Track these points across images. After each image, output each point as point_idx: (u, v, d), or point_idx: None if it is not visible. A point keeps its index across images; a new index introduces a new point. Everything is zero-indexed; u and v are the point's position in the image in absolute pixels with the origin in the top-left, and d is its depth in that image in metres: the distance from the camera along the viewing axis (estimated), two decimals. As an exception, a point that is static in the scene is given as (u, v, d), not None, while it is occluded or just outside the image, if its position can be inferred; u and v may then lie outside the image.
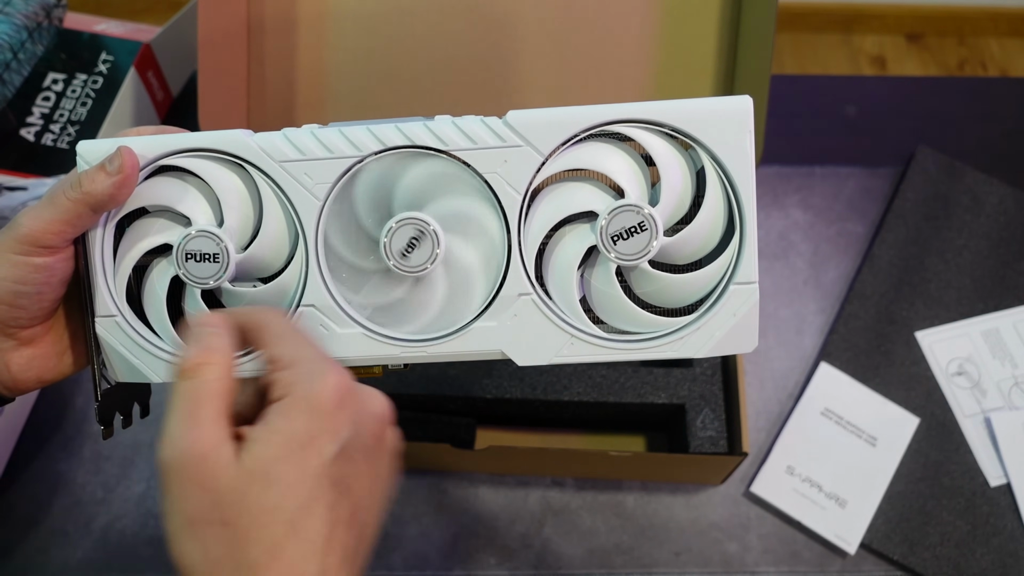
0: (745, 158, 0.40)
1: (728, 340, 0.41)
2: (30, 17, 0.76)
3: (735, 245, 0.40)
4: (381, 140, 0.40)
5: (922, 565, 0.65)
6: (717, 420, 0.65)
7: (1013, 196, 0.81)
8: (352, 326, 0.41)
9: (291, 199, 0.40)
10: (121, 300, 0.42)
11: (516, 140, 0.39)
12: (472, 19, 0.68)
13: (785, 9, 1.77)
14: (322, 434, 0.32)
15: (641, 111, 0.39)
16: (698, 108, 0.39)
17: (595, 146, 0.40)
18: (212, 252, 0.40)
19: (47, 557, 0.65)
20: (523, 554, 0.66)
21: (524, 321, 0.41)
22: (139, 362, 0.42)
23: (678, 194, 0.40)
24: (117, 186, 0.39)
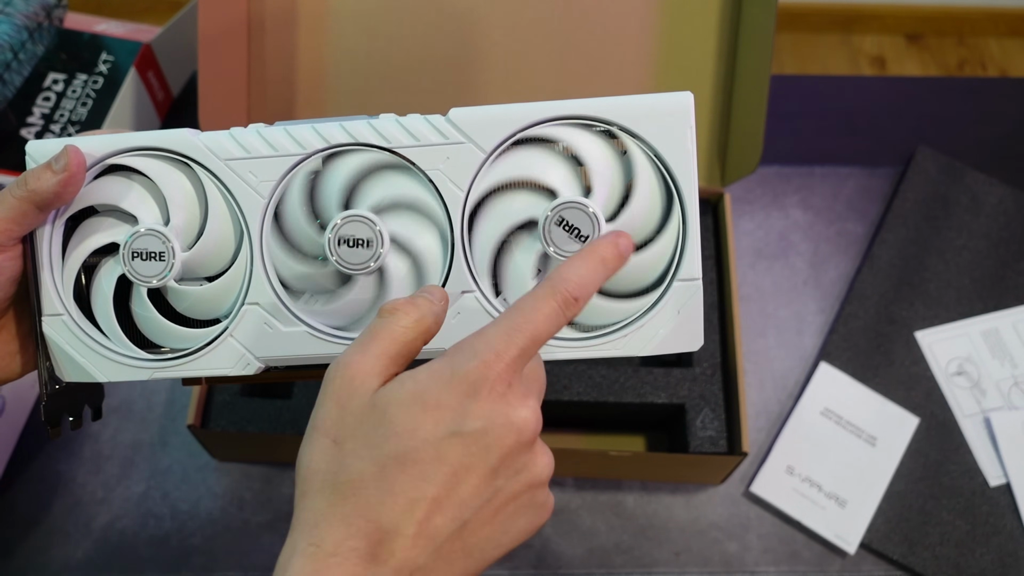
0: (686, 154, 0.40)
1: (672, 338, 0.41)
2: (30, 17, 0.76)
3: (675, 233, 0.40)
4: (325, 138, 0.40)
5: (922, 565, 0.65)
6: (717, 420, 0.65)
7: (1013, 196, 0.81)
8: (297, 324, 0.41)
9: (236, 197, 0.41)
10: (68, 298, 0.42)
11: (459, 137, 0.40)
12: (472, 19, 0.68)
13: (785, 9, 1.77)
14: (446, 406, 0.32)
15: (581, 108, 0.40)
16: (639, 104, 0.40)
17: (531, 149, 0.40)
18: (158, 251, 0.40)
19: (47, 557, 0.65)
20: (523, 554, 0.66)
21: (467, 319, 0.40)
22: (85, 361, 0.42)
23: (609, 184, 0.40)
24: (63, 184, 0.39)
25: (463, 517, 0.32)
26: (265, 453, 0.68)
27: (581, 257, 0.36)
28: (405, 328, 0.34)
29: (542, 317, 0.33)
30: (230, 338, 0.41)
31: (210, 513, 0.67)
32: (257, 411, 0.64)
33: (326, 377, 0.33)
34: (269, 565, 0.65)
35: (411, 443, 0.31)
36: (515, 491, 0.33)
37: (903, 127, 0.86)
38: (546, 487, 0.34)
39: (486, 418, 0.32)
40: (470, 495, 0.32)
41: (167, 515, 0.67)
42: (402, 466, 0.31)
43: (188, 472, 0.68)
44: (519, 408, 0.32)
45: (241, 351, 0.41)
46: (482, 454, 0.32)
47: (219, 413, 0.64)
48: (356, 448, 0.32)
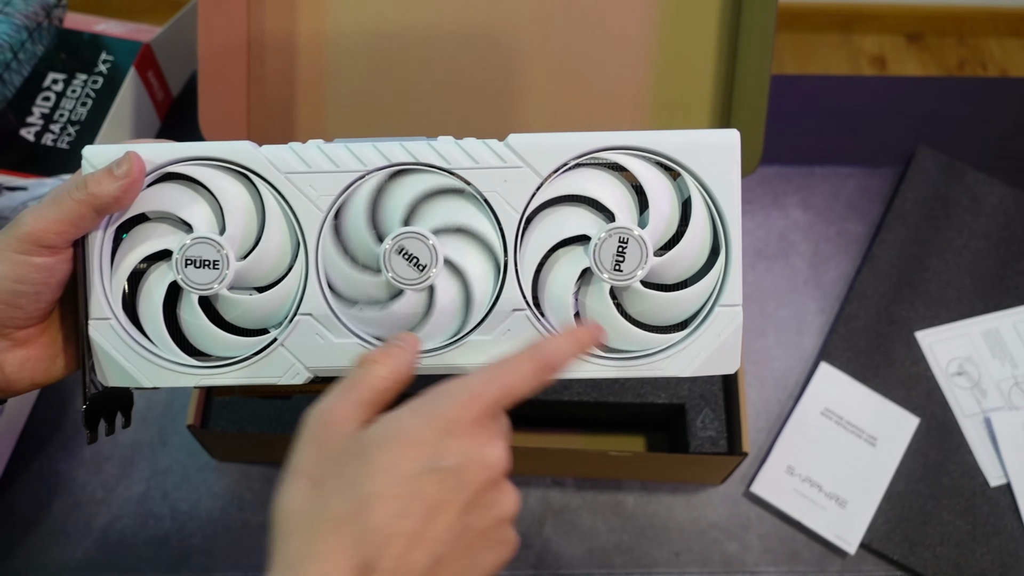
0: (732, 187, 0.42)
1: (712, 360, 0.42)
2: (30, 17, 0.76)
3: (720, 268, 0.42)
4: (386, 156, 0.41)
5: (922, 565, 0.65)
6: (717, 420, 0.65)
7: (1013, 196, 0.81)
8: (348, 336, 0.42)
9: (294, 210, 0.41)
10: (116, 303, 0.42)
11: (516, 161, 0.41)
12: (473, 21, 0.68)
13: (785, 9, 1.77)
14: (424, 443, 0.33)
15: (635, 140, 0.41)
16: (689, 139, 0.41)
17: (588, 172, 0.42)
18: (212, 259, 0.40)
19: (47, 557, 0.65)
20: (523, 554, 0.66)
21: (517, 336, 0.42)
22: (131, 366, 0.42)
23: (666, 218, 0.42)
24: (123, 189, 0.39)
25: (438, 552, 0.33)
26: (265, 453, 0.68)
27: (564, 338, 0.39)
28: (382, 378, 0.36)
29: (519, 375, 0.36)
30: (281, 347, 0.42)
31: (210, 513, 0.67)
32: (257, 411, 0.64)
33: (304, 421, 0.35)
34: (269, 565, 0.65)
35: (390, 479, 0.33)
36: (485, 527, 0.34)
37: (903, 127, 0.86)
38: (511, 524, 0.36)
39: (461, 454, 0.33)
40: (445, 530, 0.33)
41: (167, 515, 0.66)
42: (381, 502, 0.32)
43: (188, 472, 0.68)
44: (491, 447, 0.35)
45: (292, 360, 0.42)
46: (456, 490, 0.33)
47: (219, 413, 0.64)
48: (336, 487, 0.33)
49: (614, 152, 0.42)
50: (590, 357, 0.42)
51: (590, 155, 0.41)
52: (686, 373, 0.42)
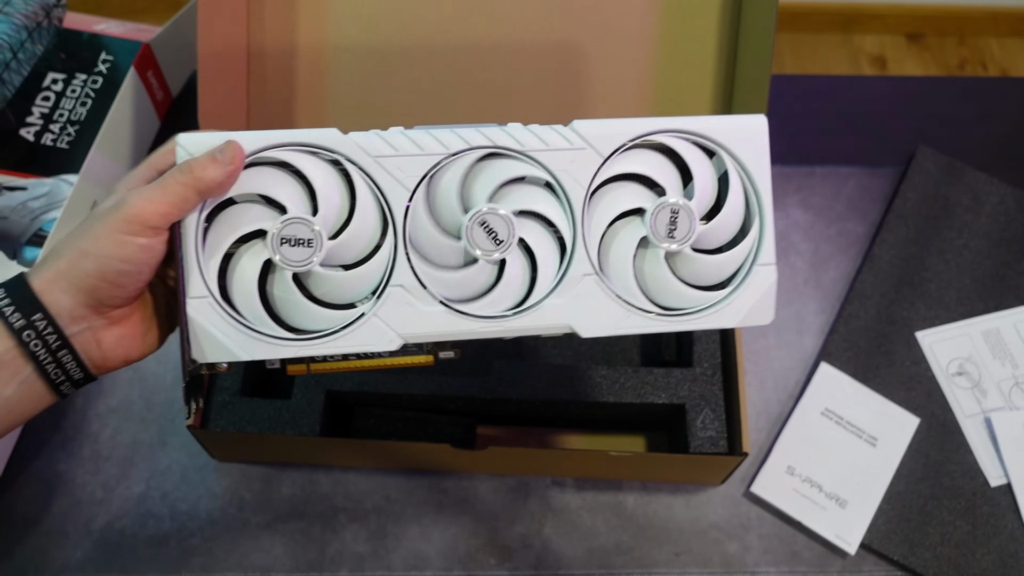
0: (763, 162, 0.48)
1: (752, 313, 0.48)
2: (30, 17, 0.76)
3: (756, 232, 0.48)
4: (466, 140, 0.45)
5: (922, 565, 0.65)
6: (717, 420, 0.65)
7: (1013, 196, 0.81)
8: (435, 304, 0.45)
9: (383, 190, 0.45)
10: (213, 282, 0.44)
11: (581, 144, 0.46)
12: (472, 19, 0.68)
13: (785, 9, 1.77)
14: None
15: (681, 124, 0.47)
16: (725, 123, 0.48)
17: (641, 153, 0.47)
18: (307, 238, 0.43)
19: (46, 557, 0.65)
20: (523, 554, 0.66)
21: (587, 299, 0.46)
22: (228, 340, 0.44)
23: (708, 191, 0.47)
24: (227, 175, 0.42)
25: None
26: (265, 453, 0.68)
27: None
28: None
29: None
30: (374, 317, 0.45)
31: (210, 513, 0.67)
32: (256, 411, 0.64)
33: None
34: (269, 565, 0.65)
35: None
36: None
37: (903, 127, 0.86)
38: None
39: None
40: None
41: (166, 515, 0.66)
42: None
43: (187, 472, 0.68)
44: None
45: (385, 328, 0.45)
46: None
47: (218, 413, 0.64)
48: None
49: (663, 135, 0.47)
50: (651, 314, 0.47)
51: (643, 137, 0.47)
52: (731, 325, 0.48)
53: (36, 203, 0.72)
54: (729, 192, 0.47)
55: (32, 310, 0.41)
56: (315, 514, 0.67)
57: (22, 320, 0.41)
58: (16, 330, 0.41)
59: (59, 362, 0.42)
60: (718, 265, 0.48)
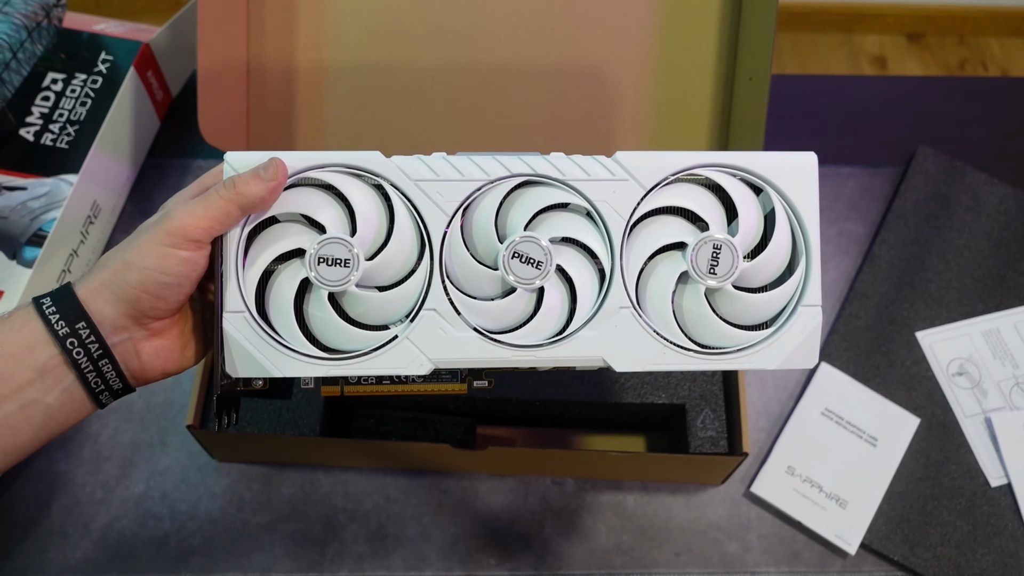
0: (811, 202, 0.46)
1: (795, 356, 0.47)
2: (29, 17, 0.76)
3: (802, 272, 0.47)
4: (507, 167, 0.45)
5: (922, 565, 0.65)
6: (717, 420, 0.64)
7: (1013, 196, 0.81)
8: (467, 330, 0.45)
9: (421, 214, 0.45)
10: (250, 297, 0.44)
11: (623, 175, 0.46)
12: (472, 21, 0.68)
13: (785, 9, 1.77)
14: None
15: (727, 159, 0.46)
16: (774, 159, 0.47)
17: (685, 187, 0.47)
18: (344, 257, 0.44)
19: (46, 557, 0.65)
20: (523, 554, 0.66)
21: (623, 332, 0.45)
22: (262, 356, 0.44)
23: (753, 228, 0.46)
24: (270, 191, 0.43)
25: None
26: (265, 453, 0.68)
27: None
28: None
29: None
30: (406, 340, 0.45)
31: (209, 513, 0.67)
32: (257, 411, 0.64)
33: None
34: (269, 565, 0.65)
35: None
36: None
37: (904, 127, 0.86)
38: None
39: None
40: None
41: (166, 516, 0.66)
42: None
43: (187, 472, 0.68)
44: None
45: (416, 352, 0.45)
46: None
47: (218, 413, 0.64)
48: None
49: (708, 169, 0.46)
50: (686, 351, 0.46)
51: (687, 171, 0.46)
52: (773, 366, 0.47)
53: (36, 203, 0.72)
54: (775, 230, 0.46)
55: (76, 318, 0.41)
56: (315, 514, 0.67)
57: (66, 328, 0.41)
58: (60, 337, 0.41)
59: (100, 371, 0.42)
60: (760, 304, 0.46)
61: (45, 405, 0.42)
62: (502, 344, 0.45)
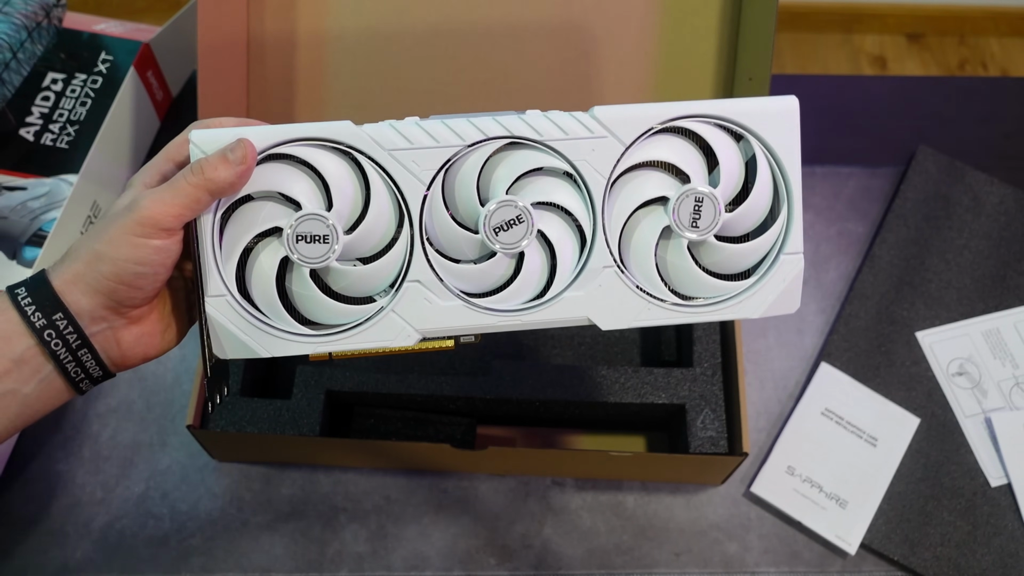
0: (793, 147, 0.46)
1: (777, 303, 0.47)
2: (29, 17, 0.76)
3: (783, 220, 0.46)
4: (483, 131, 0.44)
5: (922, 565, 0.65)
6: (717, 420, 0.64)
7: (1013, 196, 0.81)
8: (452, 299, 0.45)
9: (399, 184, 0.44)
10: (231, 280, 0.44)
11: (602, 131, 0.44)
12: (471, 20, 0.68)
13: (785, 9, 1.77)
14: None
15: (706, 108, 0.45)
16: (754, 105, 0.45)
17: (664, 139, 0.45)
18: (322, 234, 0.43)
19: (46, 558, 0.65)
20: (523, 554, 0.66)
21: (607, 290, 0.45)
22: (248, 338, 0.44)
23: (735, 177, 0.46)
24: (239, 175, 0.42)
25: None
26: (264, 453, 0.68)
27: None
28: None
29: None
30: (392, 313, 0.45)
31: (209, 513, 0.67)
32: (256, 411, 0.64)
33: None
34: (269, 565, 0.65)
35: None
36: None
37: (904, 127, 0.86)
38: None
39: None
40: None
41: (166, 515, 0.66)
42: None
43: (187, 472, 0.68)
44: None
45: (402, 324, 0.45)
46: None
47: (218, 413, 0.64)
48: None
49: (688, 120, 0.45)
50: (673, 305, 0.46)
51: (667, 123, 0.45)
52: (757, 314, 0.47)
53: (36, 203, 0.72)
54: (757, 178, 0.45)
55: (53, 309, 0.41)
56: (315, 514, 0.67)
57: (43, 319, 0.41)
58: (38, 329, 0.41)
59: (79, 361, 0.42)
60: (743, 254, 0.46)
61: (22, 395, 0.41)
62: (487, 311, 0.45)
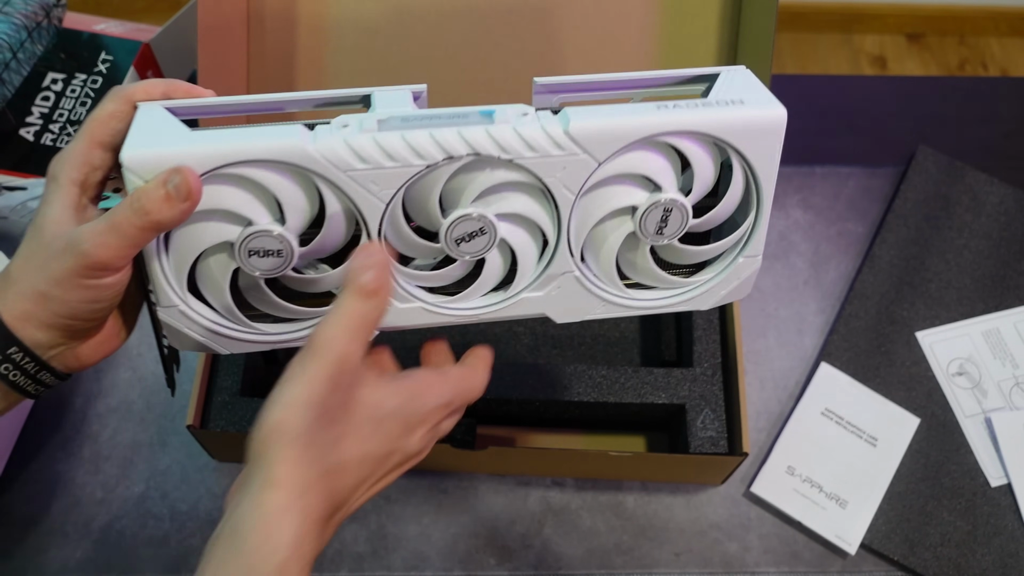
0: (774, 158, 0.44)
1: (729, 295, 0.48)
2: (30, 17, 0.76)
3: (747, 226, 0.46)
4: (446, 149, 0.41)
5: (922, 565, 0.65)
6: (717, 420, 0.64)
7: (1013, 196, 0.81)
8: (412, 301, 0.45)
9: (356, 203, 0.41)
10: (183, 291, 0.43)
11: (575, 149, 0.42)
12: (473, 16, 0.68)
13: (785, 9, 1.77)
14: (398, 438, 0.41)
15: (690, 122, 0.42)
16: (740, 121, 0.43)
17: (637, 153, 0.43)
18: (276, 248, 0.41)
19: (46, 558, 0.65)
20: (523, 554, 0.66)
21: (565, 291, 0.46)
22: (206, 340, 0.44)
23: (707, 183, 0.45)
24: (184, 212, 0.39)
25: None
26: (264, 453, 0.68)
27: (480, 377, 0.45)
28: (382, 311, 0.39)
29: (476, 391, 0.45)
30: None
31: (209, 514, 0.67)
32: (256, 411, 0.64)
33: (317, 351, 0.37)
34: (268, 566, 0.65)
35: (386, 449, 0.40)
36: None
37: (904, 127, 0.86)
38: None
39: (423, 440, 0.42)
40: (389, 480, 0.43)
41: (166, 516, 0.66)
42: (376, 463, 0.40)
43: (187, 472, 0.68)
44: (445, 423, 0.44)
45: None
46: (411, 461, 0.43)
47: (218, 413, 0.64)
48: (352, 440, 0.38)
49: (668, 136, 0.43)
50: (623, 298, 0.47)
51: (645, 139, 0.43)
52: (706, 307, 0.48)
53: (36, 203, 0.72)
54: (730, 187, 0.44)
55: (6, 344, 0.40)
56: (315, 514, 0.67)
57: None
58: None
59: (38, 380, 0.42)
60: (704, 254, 0.47)
61: None
62: (447, 313, 0.45)
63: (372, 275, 0.38)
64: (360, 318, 0.38)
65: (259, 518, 0.35)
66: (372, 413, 0.39)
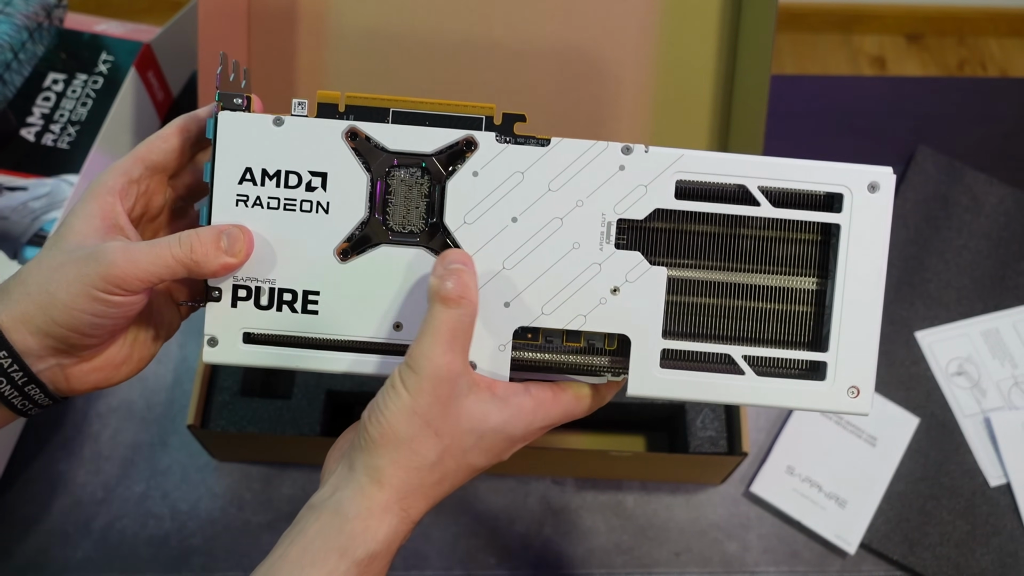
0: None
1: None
2: (30, 17, 0.76)
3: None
4: None
5: (922, 565, 0.65)
6: (717, 420, 0.65)
7: (1013, 196, 0.81)
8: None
9: None
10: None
11: None
12: (474, 18, 0.68)
13: (785, 9, 1.77)
14: (501, 452, 0.42)
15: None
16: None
17: None
18: None
19: (47, 557, 0.65)
20: (523, 554, 0.66)
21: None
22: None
23: None
24: (226, 269, 0.40)
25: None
26: (265, 453, 0.68)
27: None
28: (472, 317, 0.39)
29: (580, 409, 0.45)
30: None
31: (210, 513, 0.67)
32: (257, 411, 0.64)
33: (416, 369, 0.38)
34: (269, 565, 0.65)
35: (484, 462, 0.41)
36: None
37: (903, 127, 0.86)
38: None
39: (514, 453, 0.43)
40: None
41: (167, 515, 0.66)
42: (471, 472, 0.41)
43: (188, 472, 0.68)
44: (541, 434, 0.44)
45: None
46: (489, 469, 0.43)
47: (219, 413, 0.64)
48: (454, 452, 0.39)
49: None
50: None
51: None
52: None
53: (37, 203, 0.72)
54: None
55: None
56: (315, 514, 0.67)
57: None
58: None
59: (25, 395, 0.40)
60: None
61: None
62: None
63: (453, 282, 0.38)
64: (450, 328, 0.38)
65: (363, 508, 0.38)
66: (475, 425, 0.39)
